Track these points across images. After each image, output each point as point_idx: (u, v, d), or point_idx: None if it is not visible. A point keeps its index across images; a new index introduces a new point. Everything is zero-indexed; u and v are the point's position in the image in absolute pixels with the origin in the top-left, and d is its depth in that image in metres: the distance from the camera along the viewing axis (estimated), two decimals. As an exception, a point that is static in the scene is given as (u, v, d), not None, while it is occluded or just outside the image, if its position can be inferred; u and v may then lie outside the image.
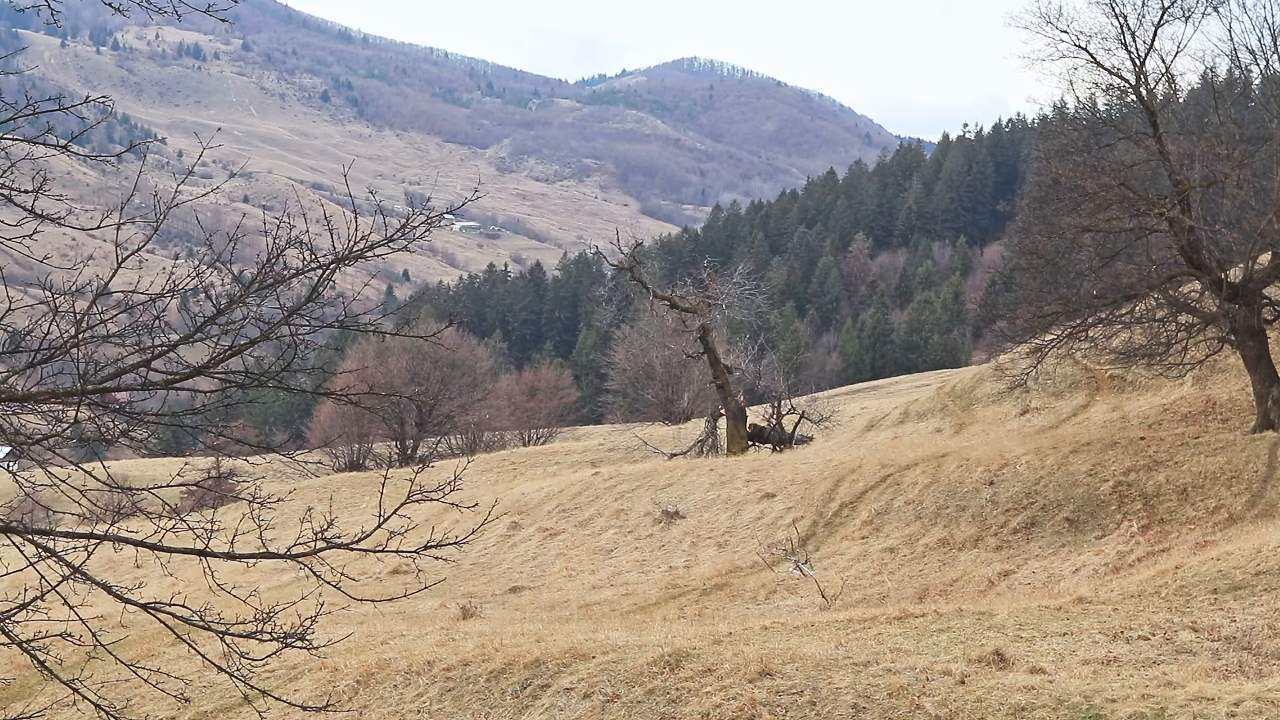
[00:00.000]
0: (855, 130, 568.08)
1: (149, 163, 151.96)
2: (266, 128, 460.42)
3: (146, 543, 7.66)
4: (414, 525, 13.28)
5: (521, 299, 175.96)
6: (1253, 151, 30.36)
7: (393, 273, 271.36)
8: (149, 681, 10.84)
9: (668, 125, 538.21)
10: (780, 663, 12.77)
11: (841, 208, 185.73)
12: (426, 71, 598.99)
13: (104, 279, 7.50)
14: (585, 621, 20.16)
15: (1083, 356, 39.38)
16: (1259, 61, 31.58)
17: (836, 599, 22.02)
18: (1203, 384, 35.58)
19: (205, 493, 42.31)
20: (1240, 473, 25.08)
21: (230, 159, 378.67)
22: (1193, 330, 30.73)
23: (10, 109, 7.56)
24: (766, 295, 56.85)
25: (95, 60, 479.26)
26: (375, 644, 16.92)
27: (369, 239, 7.67)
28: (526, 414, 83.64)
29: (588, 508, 32.39)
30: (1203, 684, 11.18)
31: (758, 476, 32.30)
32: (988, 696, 11.32)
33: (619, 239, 47.50)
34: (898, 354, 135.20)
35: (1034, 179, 44.17)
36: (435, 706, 14.10)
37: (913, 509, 27.49)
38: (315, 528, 7.77)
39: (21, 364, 7.49)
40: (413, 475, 7.80)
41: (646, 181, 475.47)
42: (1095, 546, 23.78)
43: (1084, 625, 14.54)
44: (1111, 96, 32.56)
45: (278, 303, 7.69)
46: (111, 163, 8.05)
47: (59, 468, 7.93)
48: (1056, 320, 31.43)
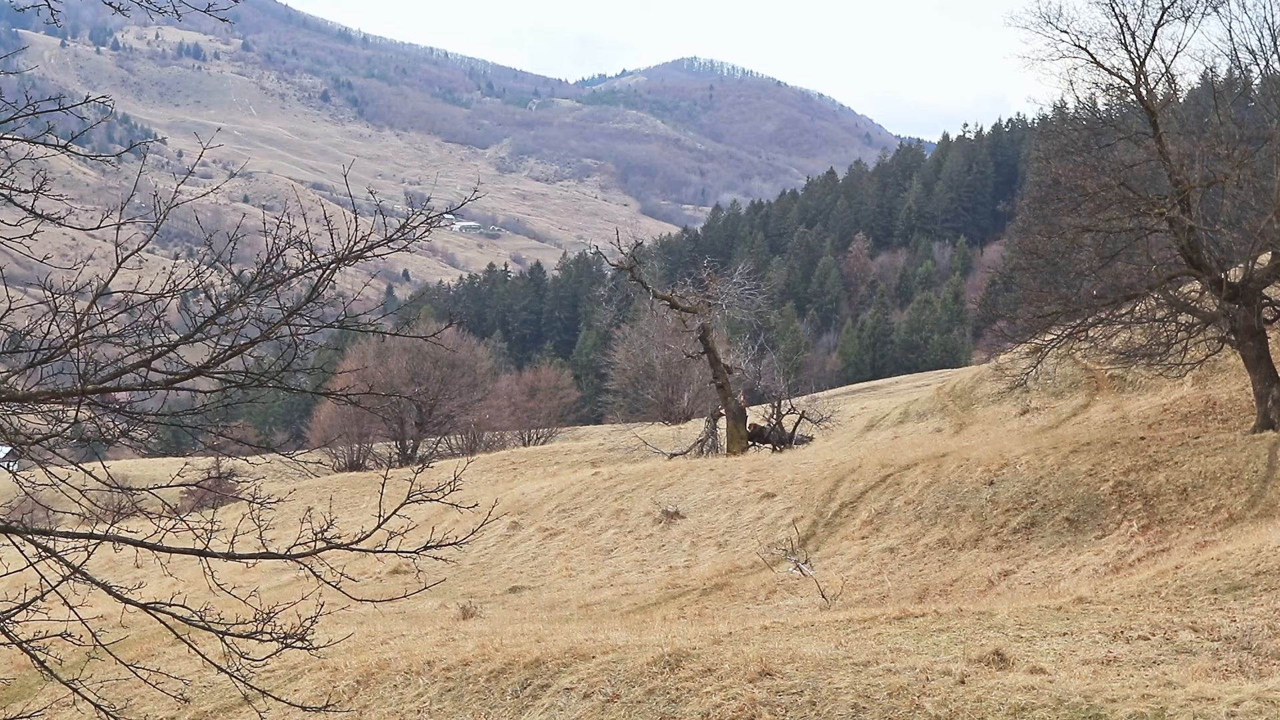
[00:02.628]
0: (855, 130, 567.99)
1: (149, 163, 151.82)
2: (266, 128, 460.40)
3: (146, 543, 7.66)
4: (414, 525, 13.28)
5: (521, 299, 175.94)
6: (1253, 151, 30.36)
7: (393, 273, 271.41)
8: (149, 681, 10.84)
9: (668, 125, 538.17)
10: (780, 663, 12.77)
11: (841, 208, 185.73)
12: (426, 71, 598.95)
13: (104, 279, 7.50)
14: (585, 621, 20.15)
15: (1083, 356, 39.37)
16: (1259, 61, 31.60)
17: (836, 599, 22.02)
18: (1203, 384, 35.58)
19: (205, 493, 42.30)
20: (1240, 473, 25.08)
21: (230, 159, 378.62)
22: (1193, 330, 30.72)
23: (10, 109, 7.56)
24: (766, 295, 56.85)
25: (95, 60, 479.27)
26: (375, 644, 16.92)
27: (369, 239, 7.67)
28: (526, 414, 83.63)
29: (588, 508, 32.39)
30: (1203, 684, 11.18)
31: (758, 476, 32.30)
32: (988, 696, 11.32)
33: (619, 239, 47.50)
34: (898, 354, 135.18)
35: (1034, 179, 44.20)
36: (435, 706, 14.10)
37: (913, 509, 27.48)
38: (315, 528, 7.77)
39: (21, 364, 7.49)
40: (413, 475, 7.80)
41: (646, 181, 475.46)
42: (1095, 546, 23.78)
43: (1084, 625, 14.53)
44: (1111, 96, 32.58)
45: (278, 303, 7.69)
46: (111, 163, 8.05)
47: (59, 468, 7.92)
48: (1056, 320, 31.43)
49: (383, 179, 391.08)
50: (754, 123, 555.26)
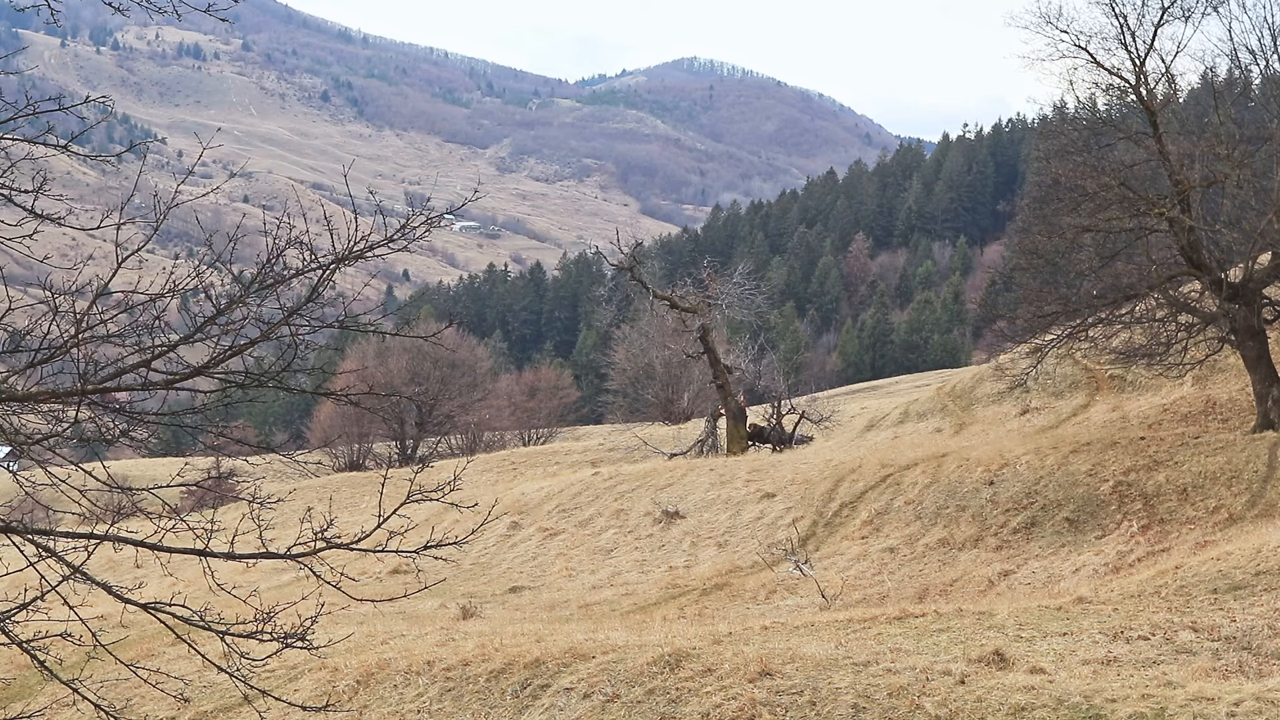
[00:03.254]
0: (855, 130, 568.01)
1: (149, 163, 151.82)
2: (266, 128, 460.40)
3: (146, 543, 7.66)
4: (414, 525, 13.28)
5: (521, 299, 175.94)
6: (1253, 151, 30.36)
7: (393, 273, 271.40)
8: (149, 681, 10.84)
9: (668, 125, 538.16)
10: (780, 663, 12.77)
11: (841, 208, 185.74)
12: (426, 71, 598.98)
13: (104, 279, 7.50)
14: (585, 621, 20.15)
15: (1083, 356, 39.37)
16: (1259, 61, 31.60)
17: (836, 599, 22.02)
18: (1203, 384, 35.58)
19: (205, 493, 42.30)
20: (1240, 473, 25.08)
21: (230, 159, 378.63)
22: (1193, 330, 30.72)
23: (10, 109, 7.56)
24: (766, 295, 56.85)
25: (95, 60, 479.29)
26: (375, 644, 16.92)
27: (369, 239, 7.67)
28: (526, 414, 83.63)
29: (588, 508, 32.39)
30: (1203, 684, 11.18)
31: (758, 476, 32.30)
32: (988, 696, 11.32)
33: (619, 239, 47.50)
34: (898, 354, 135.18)
35: (1034, 179, 44.20)
36: (435, 706, 14.10)
37: (913, 509, 27.48)
38: (315, 528, 7.77)
39: (21, 364, 7.49)
40: (412, 475, 7.80)
41: (646, 181, 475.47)
42: (1095, 546, 23.78)
43: (1084, 625, 14.53)
44: (1111, 96, 32.57)
45: (278, 303, 7.69)
46: (111, 163, 8.05)
47: (59, 468, 7.92)
48: (1056, 320, 31.43)
49: (383, 179, 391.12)
50: (754, 123, 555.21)
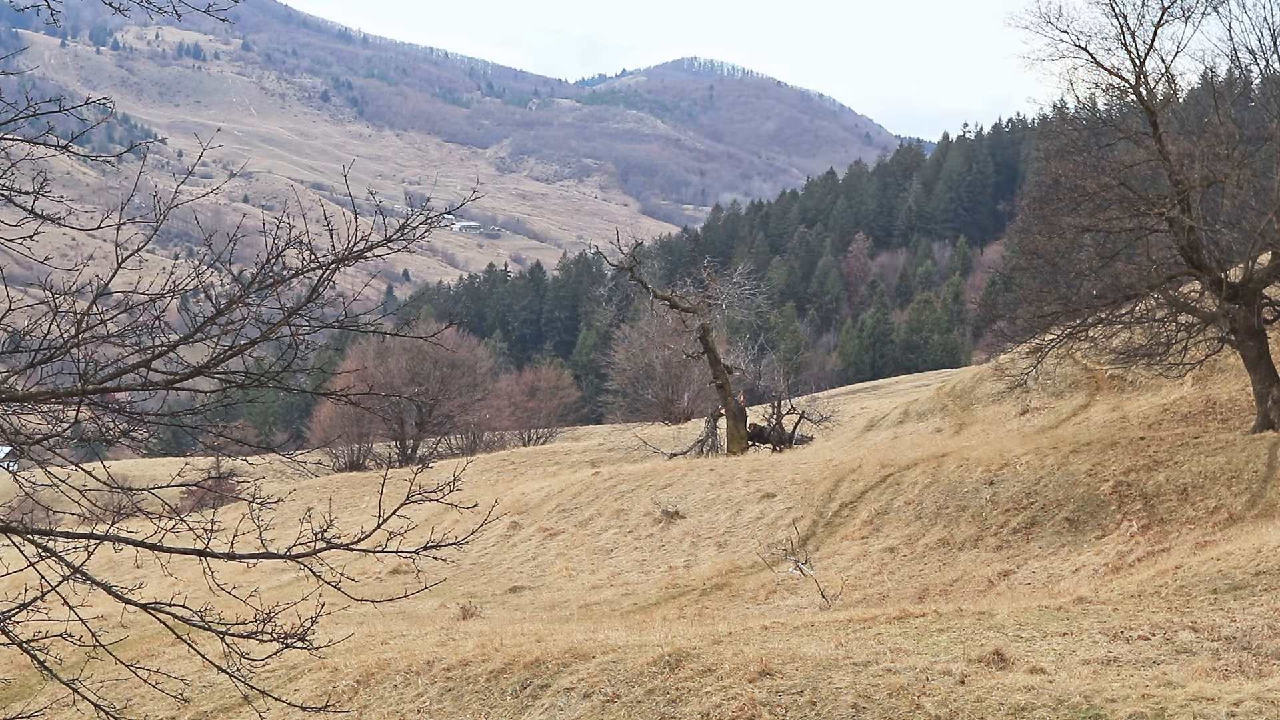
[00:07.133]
0: (855, 130, 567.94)
1: (149, 163, 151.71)
2: (266, 128, 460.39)
3: (146, 543, 7.66)
4: (414, 525, 13.28)
5: (521, 299, 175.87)
6: (1253, 151, 30.35)
7: (393, 273, 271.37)
8: (149, 682, 10.84)
9: (668, 125, 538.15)
10: (780, 663, 12.77)
11: (841, 208, 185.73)
12: (426, 71, 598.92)
13: (104, 279, 7.49)
14: (585, 621, 20.15)
15: (1083, 356, 39.37)
16: (1259, 61, 31.58)
17: (836, 599, 22.01)
18: (1203, 384, 35.58)
19: (205, 493, 42.30)
20: (1240, 473, 25.08)
21: (230, 159, 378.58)
22: (1193, 330, 30.72)
23: (10, 109, 7.56)
24: (766, 295, 56.79)
25: (95, 60, 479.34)
26: (375, 644, 16.92)
27: (369, 239, 7.67)
28: (526, 414, 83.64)
29: (588, 508, 32.39)
30: (1203, 684, 11.18)
31: (758, 476, 32.30)
32: (988, 696, 11.32)
33: (619, 239, 47.50)
34: (898, 354, 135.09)
35: (1034, 179, 44.21)
36: (435, 706, 14.10)
37: (913, 509, 27.48)
38: (315, 528, 7.76)
39: (21, 364, 7.49)
40: (412, 475, 7.80)
41: (646, 181, 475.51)
42: (1095, 546, 23.78)
43: (1084, 625, 14.53)
44: (1111, 96, 32.56)
45: (278, 303, 7.69)
46: (111, 163, 8.05)
47: (59, 468, 7.92)
48: (1056, 320, 31.42)
49: (383, 179, 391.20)
50: (754, 123, 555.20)
